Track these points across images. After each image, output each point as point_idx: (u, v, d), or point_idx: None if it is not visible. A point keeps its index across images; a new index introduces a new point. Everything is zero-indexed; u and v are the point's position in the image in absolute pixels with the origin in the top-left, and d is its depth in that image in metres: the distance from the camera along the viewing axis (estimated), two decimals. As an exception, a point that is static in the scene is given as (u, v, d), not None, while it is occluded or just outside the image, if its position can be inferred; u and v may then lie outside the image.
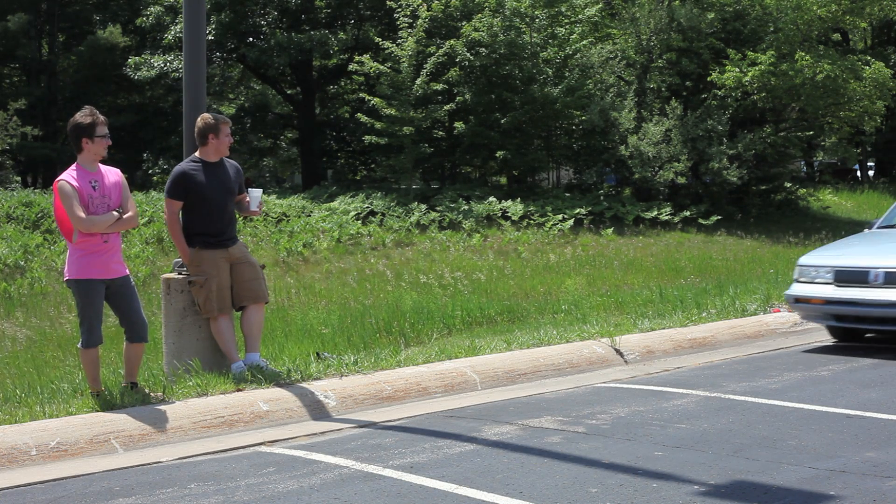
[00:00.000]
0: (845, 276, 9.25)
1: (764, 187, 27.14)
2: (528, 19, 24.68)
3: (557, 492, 5.12)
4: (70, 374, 9.31)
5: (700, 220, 23.67)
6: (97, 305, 6.85)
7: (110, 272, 6.86)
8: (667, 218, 23.41)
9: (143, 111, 34.57)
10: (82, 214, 6.65)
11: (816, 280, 9.44)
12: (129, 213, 6.87)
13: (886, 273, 8.92)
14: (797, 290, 9.62)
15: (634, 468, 5.52)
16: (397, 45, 24.36)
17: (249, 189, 7.72)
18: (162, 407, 6.59)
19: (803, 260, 9.81)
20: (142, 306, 7.24)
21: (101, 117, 6.86)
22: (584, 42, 25.33)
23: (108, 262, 6.83)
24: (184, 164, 7.48)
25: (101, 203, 6.77)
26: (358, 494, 5.17)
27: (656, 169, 24.52)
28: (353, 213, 21.58)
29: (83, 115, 6.83)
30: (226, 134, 7.44)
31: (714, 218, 23.57)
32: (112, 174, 6.95)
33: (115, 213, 6.78)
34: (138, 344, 7.09)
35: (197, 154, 7.51)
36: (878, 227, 10.48)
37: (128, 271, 7.09)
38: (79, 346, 7.00)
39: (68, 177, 6.73)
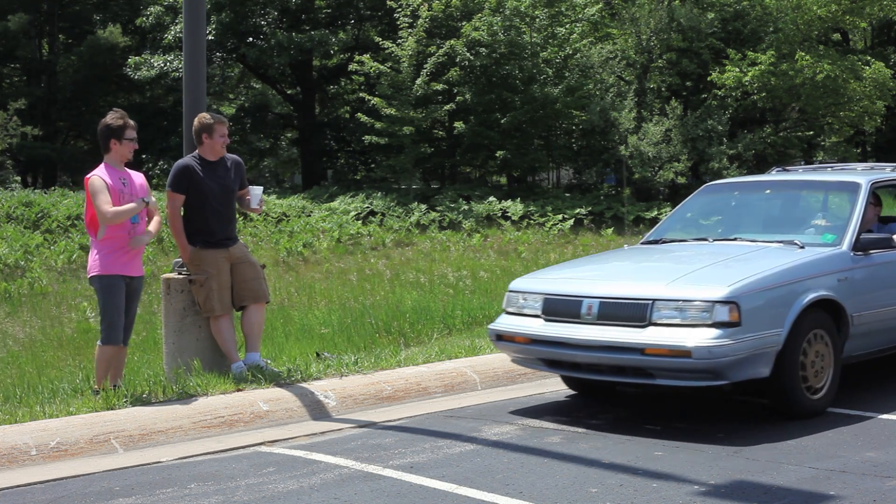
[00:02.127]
0: (555, 307, 6.79)
1: (764, 187, 27.12)
2: (528, 19, 24.68)
3: (557, 492, 5.12)
4: (70, 374, 9.30)
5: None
6: (119, 301, 6.92)
7: (132, 269, 6.99)
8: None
9: (143, 111, 34.49)
10: (109, 207, 6.75)
11: (525, 310, 6.99)
12: (156, 219, 7.10)
13: (602, 303, 6.52)
14: (501, 323, 7.14)
15: (634, 468, 5.52)
16: (397, 44, 24.35)
17: (251, 187, 7.70)
18: (162, 407, 6.59)
19: (515, 283, 7.32)
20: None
21: (131, 122, 7.02)
22: (584, 42, 25.32)
23: (132, 260, 6.99)
24: (186, 159, 7.47)
25: (131, 200, 6.93)
26: (358, 494, 5.17)
27: (656, 169, 24.53)
28: (353, 213, 21.58)
29: (114, 118, 6.97)
30: (220, 134, 7.40)
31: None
32: (137, 176, 7.14)
33: (137, 202, 6.88)
34: (124, 347, 7.15)
35: (197, 152, 7.51)
36: (644, 242, 8.14)
37: (144, 272, 7.22)
38: (98, 342, 7.08)
39: (100, 172, 6.89)
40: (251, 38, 29.73)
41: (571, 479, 5.32)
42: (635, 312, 6.37)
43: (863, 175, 7.78)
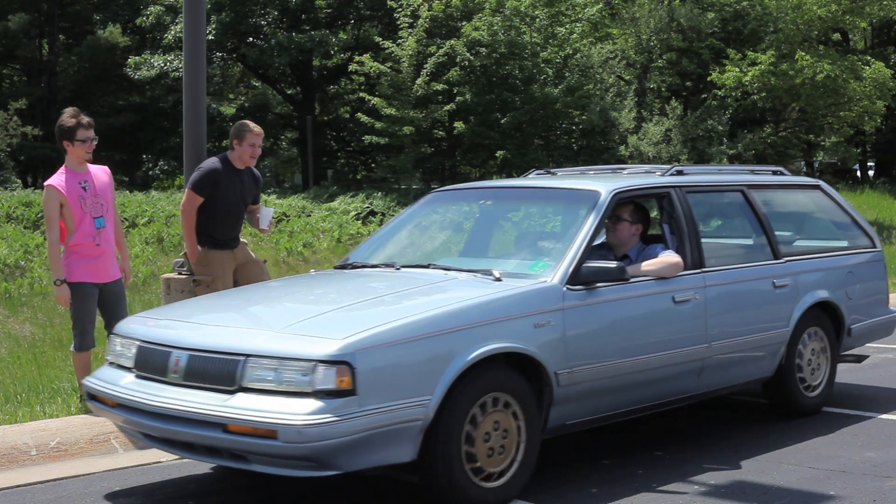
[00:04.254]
0: (146, 359, 5.01)
1: (764, 187, 27.14)
2: (528, 19, 24.70)
3: (557, 492, 5.12)
4: (71, 374, 9.30)
5: (700, 220, 23.65)
6: (89, 308, 6.78)
7: (103, 276, 6.77)
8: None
9: (143, 111, 34.53)
10: (53, 235, 6.61)
11: (122, 361, 5.20)
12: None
13: (191, 356, 4.76)
14: (98, 377, 5.29)
15: (635, 468, 5.52)
16: (397, 45, 24.36)
17: (262, 208, 7.51)
18: (162, 407, 6.58)
19: (122, 323, 5.59)
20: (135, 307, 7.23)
21: (86, 120, 6.70)
22: (584, 42, 25.34)
23: (101, 266, 6.73)
24: (215, 162, 7.35)
25: (94, 203, 6.67)
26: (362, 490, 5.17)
27: (656, 169, 24.54)
28: (353, 213, 21.59)
29: (67, 117, 6.68)
30: (249, 143, 7.21)
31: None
32: (102, 173, 6.84)
33: (59, 281, 6.64)
34: None
35: (227, 155, 7.41)
36: (338, 266, 6.36)
37: (120, 274, 7.03)
38: (71, 349, 6.96)
39: (56, 181, 6.61)
40: (251, 38, 29.75)
41: (571, 479, 5.32)
42: (224, 371, 4.59)
43: (606, 182, 5.99)
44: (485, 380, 4.76)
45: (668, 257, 5.82)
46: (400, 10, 24.84)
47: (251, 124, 7.36)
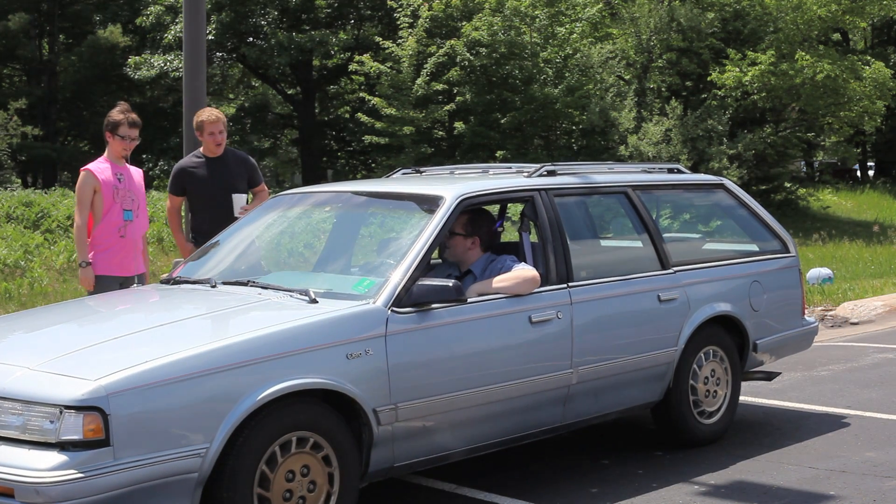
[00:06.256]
0: None
1: (764, 187, 27.17)
2: (528, 19, 24.71)
3: (557, 491, 5.12)
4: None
5: (700, 220, 23.63)
6: None
7: (126, 269, 6.71)
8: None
9: (143, 111, 34.46)
10: (80, 220, 6.61)
11: None
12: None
13: None
14: None
15: (635, 467, 5.52)
16: (398, 44, 24.38)
17: (233, 195, 7.17)
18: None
19: None
20: None
21: (132, 118, 6.72)
22: (584, 42, 25.35)
23: (125, 259, 6.70)
24: (184, 160, 7.39)
25: (126, 196, 6.68)
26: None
27: (656, 169, 24.50)
28: (353, 213, 21.58)
29: (116, 111, 6.75)
30: (209, 133, 7.06)
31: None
32: (137, 174, 6.94)
33: (84, 263, 6.58)
34: None
35: (200, 149, 7.40)
36: (164, 279, 5.58)
37: (145, 269, 6.99)
38: None
39: (95, 166, 6.67)
40: (251, 38, 29.76)
41: (571, 479, 5.33)
42: None
43: (454, 185, 5.25)
44: (284, 421, 4.14)
45: (523, 271, 5.09)
46: (400, 10, 24.85)
47: (205, 113, 7.16)
